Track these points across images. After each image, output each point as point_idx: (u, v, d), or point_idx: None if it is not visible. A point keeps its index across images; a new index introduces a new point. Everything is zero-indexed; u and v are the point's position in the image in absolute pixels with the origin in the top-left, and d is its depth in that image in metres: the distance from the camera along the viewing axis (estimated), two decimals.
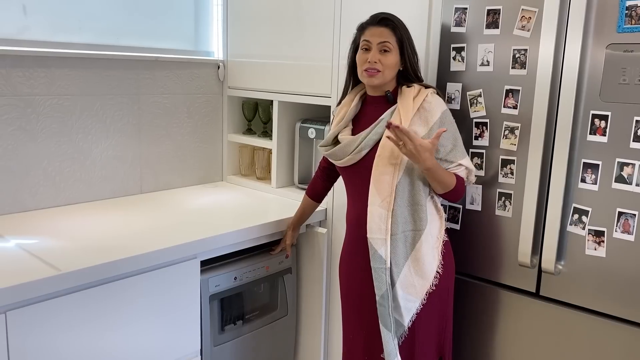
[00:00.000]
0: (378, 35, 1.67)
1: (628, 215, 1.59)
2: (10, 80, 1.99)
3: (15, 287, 1.43)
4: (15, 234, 1.84)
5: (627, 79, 1.55)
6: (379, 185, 1.67)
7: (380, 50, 1.67)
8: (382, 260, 1.66)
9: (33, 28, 2.10)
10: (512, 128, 1.77)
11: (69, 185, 2.21)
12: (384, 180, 1.67)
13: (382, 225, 1.66)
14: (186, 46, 2.62)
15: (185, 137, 2.60)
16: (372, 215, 1.67)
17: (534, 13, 1.69)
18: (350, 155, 1.73)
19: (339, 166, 1.81)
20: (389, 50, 1.67)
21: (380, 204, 1.66)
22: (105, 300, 1.64)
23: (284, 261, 2.26)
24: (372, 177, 1.68)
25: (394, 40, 1.68)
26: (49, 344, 1.53)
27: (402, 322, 1.68)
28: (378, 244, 1.66)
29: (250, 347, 2.19)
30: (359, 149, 1.71)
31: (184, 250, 1.82)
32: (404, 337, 1.70)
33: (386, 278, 1.65)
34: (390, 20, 1.69)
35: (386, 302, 1.66)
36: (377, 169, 1.68)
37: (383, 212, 1.66)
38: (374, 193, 1.68)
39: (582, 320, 1.72)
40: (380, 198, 1.67)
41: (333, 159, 1.80)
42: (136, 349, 1.75)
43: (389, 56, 1.68)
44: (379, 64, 1.67)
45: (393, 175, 1.66)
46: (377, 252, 1.66)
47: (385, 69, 1.68)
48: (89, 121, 2.23)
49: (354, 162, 1.74)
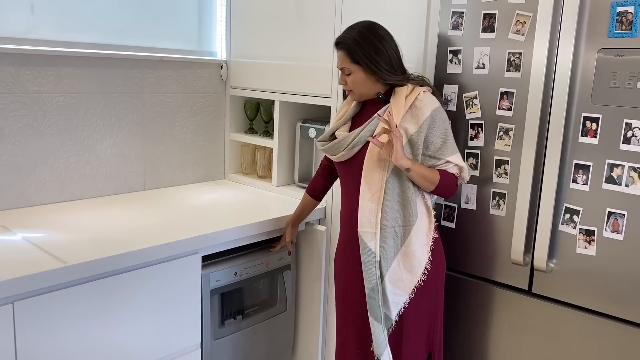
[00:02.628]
0: (340, 60, 1.76)
1: (617, 215, 1.63)
2: (19, 78, 2.05)
3: (23, 278, 1.48)
4: (22, 227, 1.89)
5: (617, 83, 1.60)
6: (369, 180, 1.72)
7: (345, 74, 1.76)
8: (372, 253, 1.70)
9: (41, 27, 2.15)
10: (507, 129, 1.82)
11: (74, 181, 2.26)
12: (374, 176, 1.72)
13: (372, 219, 1.71)
14: (190, 46, 2.67)
15: (188, 136, 2.65)
16: (362, 209, 1.72)
17: (528, 18, 1.74)
18: (344, 151, 1.78)
19: (335, 162, 1.87)
20: (350, 72, 1.75)
21: (370, 198, 1.71)
22: (109, 293, 1.69)
23: (284, 258, 2.30)
24: (364, 172, 1.73)
25: (349, 62, 1.73)
26: (54, 333, 1.58)
27: (389, 315, 1.73)
28: (368, 238, 1.71)
29: (249, 341, 2.24)
30: (351, 145, 1.76)
31: (186, 245, 1.87)
32: (391, 330, 1.75)
33: (376, 271, 1.70)
34: (343, 43, 1.74)
35: (376, 294, 1.71)
36: (367, 164, 1.73)
37: (373, 206, 1.71)
38: (364, 188, 1.73)
39: (572, 317, 1.76)
40: (370, 193, 1.71)
41: (328, 154, 1.85)
42: (138, 341, 1.79)
43: (353, 76, 1.75)
44: (348, 85, 1.77)
45: (383, 171, 1.71)
46: (367, 246, 1.71)
47: (354, 87, 1.76)
48: (94, 119, 2.29)
49: (347, 158, 1.79)
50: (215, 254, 2.03)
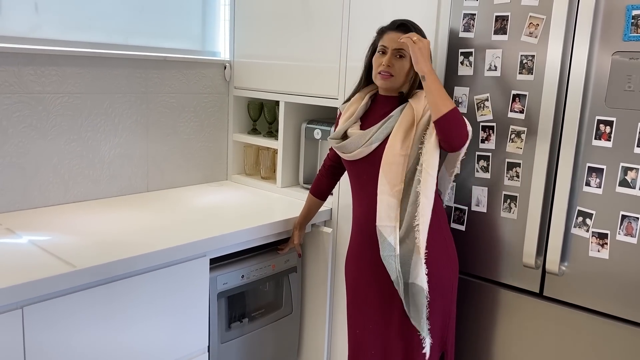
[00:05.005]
0: (395, 41, 1.71)
1: (631, 219, 1.63)
2: (22, 78, 2.01)
3: (33, 282, 1.46)
4: (26, 230, 1.86)
5: (632, 86, 1.59)
6: (389, 174, 1.70)
7: (396, 56, 1.71)
8: (392, 247, 1.68)
9: (44, 26, 2.12)
10: (519, 132, 1.81)
11: (78, 183, 2.23)
12: (394, 170, 1.70)
13: (391, 213, 1.70)
14: (194, 46, 2.65)
15: (192, 136, 2.62)
16: (381, 203, 1.70)
17: (541, 20, 1.73)
18: (361, 147, 1.76)
19: (347, 161, 1.85)
20: (404, 56, 1.72)
21: (390, 193, 1.70)
22: (118, 297, 1.66)
23: (290, 260, 2.28)
24: (382, 166, 1.71)
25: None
26: (63, 337, 1.56)
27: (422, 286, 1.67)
28: (387, 232, 1.69)
29: (255, 344, 2.22)
30: (369, 142, 1.74)
31: (194, 248, 1.84)
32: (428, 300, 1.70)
33: (396, 265, 1.68)
34: (408, 27, 1.73)
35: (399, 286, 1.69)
36: (387, 158, 1.71)
37: (393, 200, 1.70)
38: (383, 182, 1.71)
39: (584, 321, 1.76)
40: (389, 187, 1.70)
41: (343, 151, 1.83)
42: (145, 345, 1.77)
43: (403, 62, 1.72)
44: (392, 68, 1.72)
45: (403, 166, 1.70)
46: (387, 240, 1.69)
47: (397, 73, 1.72)
48: (97, 119, 2.25)
49: (363, 155, 1.77)
50: (222, 256, 2.01)
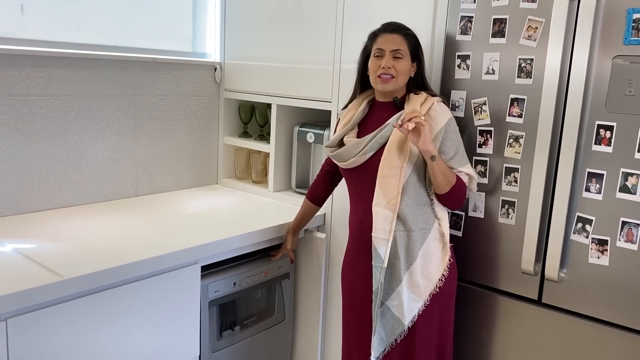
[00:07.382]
0: (391, 42, 1.68)
1: (632, 225, 1.60)
2: (6, 79, 1.94)
3: (17, 293, 1.40)
4: (11, 237, 1.79)
5: (632, 91, 1.57)
6: (385, 187, 1.68)
7: (393, 57, 1.68)
8: (380, 259, 1.68)
9: (30, 27, 2.06)
10: (517, 136, 1.78)
11: (64, 188, 2.16)
12: (390, 183, 1.67)
13: (386, 226, 1.68)
14: (183, 48, 2.59)
15: (181, 140, 2.56)
16: (377, 216, 1.68)
17: (540, 23, 1.70)
18: (355, 157, 1.73)
19: (343, 168, 1.81)
20: (402, 57, 1.69)
21: (386, 206, 1.68)
22: (106, 307, 1.61)
23: (282, 266, 2.24)
24: (378, 178, 1.69)
25: (406, 47, 1.69)
26: (49, 350, 1.50)
27: (402, 321, 1.70)
28: (379, 243, 1.68)
29: (247, 352, 2.17)
30: (364, 151, 1.71)
31: (185, 255, 1.79)
32: (403, 336, 1.71)
33: (380, 277, 1.68)
34: (402, 28, 1.71)
35: (377, 298, 1.70)
36: (383, 171, 1.68)
37: (388, 213, 1.68)
38: (379, 195, 1.68)
39: (583, 328, 1.73)
40: (386, 199, 1.68)
41: (338, 160, 1.80)
42: (136, 355, 1.71)
43: (402, 62, 1.69)
44: (392, 70, 1.68)
45: (399, 177, 1.67)
46: (377, 251, 1.68)
47: (398, 74, 1.69)
48: (85, 122, 2.19)
49: (358, 164, 1.75)
50: (213, 263, 1.96)
